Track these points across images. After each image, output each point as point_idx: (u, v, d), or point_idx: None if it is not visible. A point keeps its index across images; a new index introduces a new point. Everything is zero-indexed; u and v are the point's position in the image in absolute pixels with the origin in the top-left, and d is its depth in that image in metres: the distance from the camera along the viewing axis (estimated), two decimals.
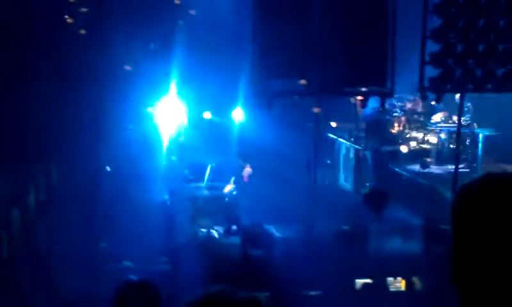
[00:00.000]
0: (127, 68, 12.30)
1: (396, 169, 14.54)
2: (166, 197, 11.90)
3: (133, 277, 5.86)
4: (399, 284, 10.89)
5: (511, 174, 2.17)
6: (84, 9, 12.26)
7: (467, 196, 2.16)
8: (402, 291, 10.84)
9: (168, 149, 12.31)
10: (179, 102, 12.10)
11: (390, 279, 10.85)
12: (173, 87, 12.01)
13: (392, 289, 10.86)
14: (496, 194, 2.08)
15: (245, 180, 13.40)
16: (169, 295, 4.81)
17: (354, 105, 14.84)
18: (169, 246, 10.85)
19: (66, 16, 12.16)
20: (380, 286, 10.77)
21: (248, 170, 13.46)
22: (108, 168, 12.52)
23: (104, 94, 11.46)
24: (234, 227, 12.78)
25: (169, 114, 12.17)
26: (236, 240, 12.05)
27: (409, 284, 10.88)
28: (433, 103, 13.97)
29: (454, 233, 2.19)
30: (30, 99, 11.11)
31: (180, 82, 12.01)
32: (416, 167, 14.44)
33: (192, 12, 13.76)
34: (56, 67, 11.33)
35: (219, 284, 2.32)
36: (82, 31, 12.10)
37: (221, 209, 13.16)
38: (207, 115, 13.83)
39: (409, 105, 15.45)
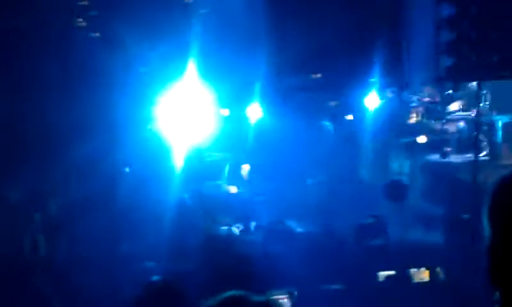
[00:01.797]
0: (141, 69, 12.33)
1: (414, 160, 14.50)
2: (186, 196, 11.91)
3: (156, 277, 5.87)
4: (422, 275, 10.84)
5: None
6: (95, 12, 12.32)
7: (508, 190, 2.05)
8: (426, 282, 10.79)
9: (187, 148, 12.32)
10: (196, 101, 12.10)
11: (413, 270, 10.80)
12: (189, 86, 12.02)
13: (415, 280, 10.81)
14: None
15: (244, 178, 13.33)
16: (193, 294, 4.81)
17: None
18: (190, 245, 10.86)
19: (79, 20, 12.22)
20: (403, 277, 10.73)
21: (245, 167, 13.39)
22: (127, 169, 12.55)
23: (120, 96, 11.49)
24: (254, 223, 12.79)
25: (186, 113, 12.18)
26: (257, 237, 12.05)
27: (432, 274, 10.83)
28: (450, 92, 13.93)
29: (492, 229, 2.07)
30: (45, 103, 11.18)
31: (197, 80, 12.02)
32: (436, 156, 14.37)
33: (204, 11, 13.76)
34: (70, 70, 11.38)
35: (241, 282, 2.33)
36: (96, 34, 12.16)
37: (239, 207, 13.17)
38: (225, 112, 13.83)
39: (426, 96, 15.39)
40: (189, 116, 11.98)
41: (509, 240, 1.98)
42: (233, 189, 13.64)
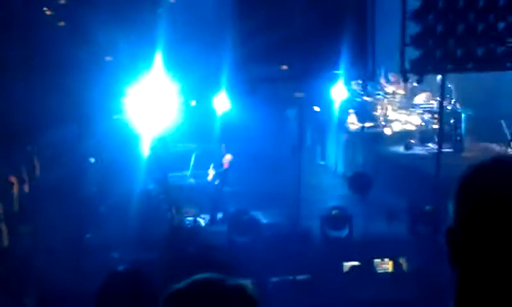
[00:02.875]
0: (108, 58, 12.25)
1: (380, 151, 14.61)
2: (151, 186, 11.88)
3: (121, 266, 5.85)
4: (386, 265, 10.95)
5: None
6: (62, 1, 12.21)
7: (477, 177, 2.12)
8: (389, 272, 10.90)
9: (153, 138, 12.27)
10: (163, 91, 12.06)
11: (377, 260, 10.91)
12: (156, 76, 11.97)
13: (379, 271, 10.92)
14: (509, 177, 2.02)
15: (225, 166, 13.39)
16: (158, 284, 4.81)
17: None
18: (155, 236, 10.84)
19: (45, 8, 12.10)
20: (367, 268, 10.83)
21: (228, 156, 13.45)
22: (92, 159, 12.47)
23: (86, 85, 11.41)
24: (220, 214, 12.80)
25: (152, 103, 12.13)
26: (222, 227, 12.06)
27: (396, 265, 10.94)
28: (415, 84, 14.03)
29: (456, 212, 2.15)
30: (10, 91, 11.07)
31: (163, 71, 11.97)
32: (400, 148, 14.50)
33: (172, 0, 13.70)
34: (37, 60, 11.28)
35: (207, 272, 2.31)
36: (62, 23, 12.05)
37: (206, 197, 13.17)
38: (192, 103, 13.80)
39: (391, 87, 15.51)
40: (155, 107, 11.94)
41: (471, 223, 2.06)
42: (199, 179, 13.65)
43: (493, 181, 2.05)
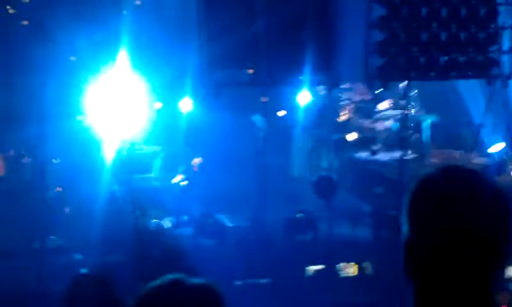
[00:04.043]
0: (72, 59, 12.16)
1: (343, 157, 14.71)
2: (116, 188, 11.81)
3: (85, 270, 5.82)
4: (350, 269, 11.02)
5: (472, 169, 2.15)
6: (26, 0, 12.09)
7: (426, 188, 2.12)
8: (353, 276, 10.97)
9: (117, 140, 12.19)
10: (128, 92, 12.00)
11: (341, 264, 10.98)
12: (120, 77, 11.91)
13: (343, 275, 10.99)
14: (457, 188, 2.02)
15: (195, 169, 13.40)
16: (122, 286, 4.79)
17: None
18: (119, 238, 10.78)
19: (8, 7, 11.97)
20: (331, 272, 10.89)
21: (197, 160, 13.46)
22: (55, 160, 12.36)
23: (49, 85, 11.31)
24: (185, 217, 12.78)
25: (117, 104, 12.06)
26: (187, 230, 12.05)
27: (360, 269, 11.02)
28: (379, 91, 14.17)
29: (409, 224, 2.15)
30: None
31: (128, 72, 11.92)
32: (364, 154, 14.61)
33: (138, 2, 13.65)
34: None
35: (172, 274, 2.33)
36: (25, 22, 11.93)
37: (171, 200, 13.14)
38: (157, 105, 13.75)
39: (355, 94, 15.61)
40: (119, 108, 11.87)
41: (422, 235, 2.08)
42: (164, 182, 13.61)
43: (441, 193, 2.05)
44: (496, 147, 13.45)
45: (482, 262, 2.00)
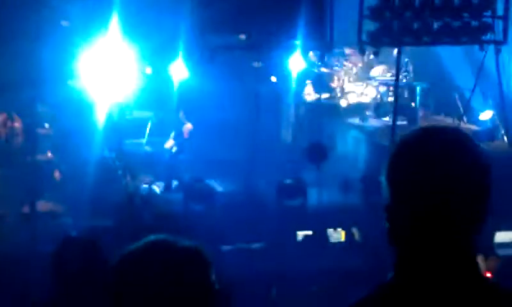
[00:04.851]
0: (64, 23, 12.09)
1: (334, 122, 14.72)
2: (107, 153, 11.81)
3: (73, 233, 5.84)
4: (338, 235, 11.07)
5: (451, 128, 2.11)
6: None
7: (404, 151, 2.07)
8: (341, 242, 11.03)
9: (109, 104, 12.16)
10: (119, 57, 11.93)
11: (330, 230, 11.02)
12: (112, 41, 11.83)
13: (332, 240, 11.04)
14: (435, 149, 1.97)
15: (185, 135, 13.39)
16: (112, 250, 4.80)
17: None
18: (109, 202, 10.79)
19: None
20: (320, 237, 10.94)
21: (188, 126, 13.44)
22: (46, 125, 12.34)
23: (41, 49, 11.25)
24: (175, 182, 12.78)
25: (108, 69, 12.00)
26: (177, 195, 12.06)
27: (348, 235, 11.08)
28: (372, 57, 14.13)
29: (389, 188, 2.12)
30: None
31: (119, 36, 11.85)
32: (356, 120, 14.61)
33: None
34: None
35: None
36: None
37: (162, 165, 13.15)
38: (148, 70, 13.69)
39: (347, 60, 15.57)
40: (111, 73, 11.83)
41: (402, 200, 2.03)
42: (155, 147, 13.61)
43: (419, 154, 2.00)
44: (486, 114, 13.46)
45: (461, 223, 1.97)
